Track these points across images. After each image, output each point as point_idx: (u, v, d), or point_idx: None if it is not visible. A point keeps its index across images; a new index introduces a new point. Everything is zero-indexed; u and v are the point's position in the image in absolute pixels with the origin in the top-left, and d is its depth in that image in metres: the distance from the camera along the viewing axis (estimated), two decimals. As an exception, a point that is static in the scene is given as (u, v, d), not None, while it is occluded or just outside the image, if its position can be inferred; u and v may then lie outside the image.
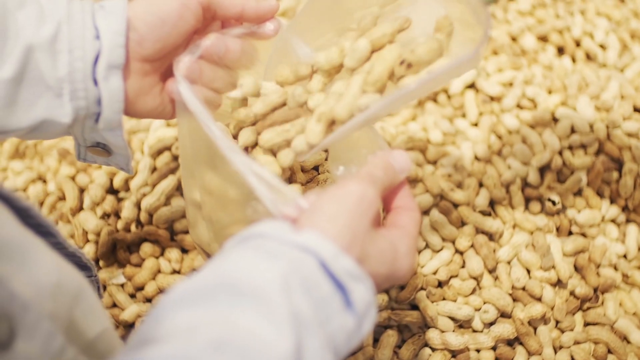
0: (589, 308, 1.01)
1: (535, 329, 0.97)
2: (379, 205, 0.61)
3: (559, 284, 1.00)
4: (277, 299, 0.51)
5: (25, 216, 0.62)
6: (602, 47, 1.25)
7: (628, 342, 0.98)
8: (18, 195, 0.60)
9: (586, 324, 1.00)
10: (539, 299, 0.98)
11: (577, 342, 0.97)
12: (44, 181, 1.12)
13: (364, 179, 0.60)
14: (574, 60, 1.24)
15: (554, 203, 1.04)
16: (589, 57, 1.25)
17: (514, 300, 0.99)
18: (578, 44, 1.26)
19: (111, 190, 1.08)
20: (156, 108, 0.74)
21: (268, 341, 0.49)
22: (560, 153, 1.09)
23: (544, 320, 0.98)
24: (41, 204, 1.09)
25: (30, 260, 0.54)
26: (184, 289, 0.53)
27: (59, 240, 0.69)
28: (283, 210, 0.61)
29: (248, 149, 0.76)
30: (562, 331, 0.98)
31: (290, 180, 0.80)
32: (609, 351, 0.97)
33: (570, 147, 1.10)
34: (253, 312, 0.50)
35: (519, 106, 1.16)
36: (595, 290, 1.01)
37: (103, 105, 0.68)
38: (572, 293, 1.00)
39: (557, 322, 0.99)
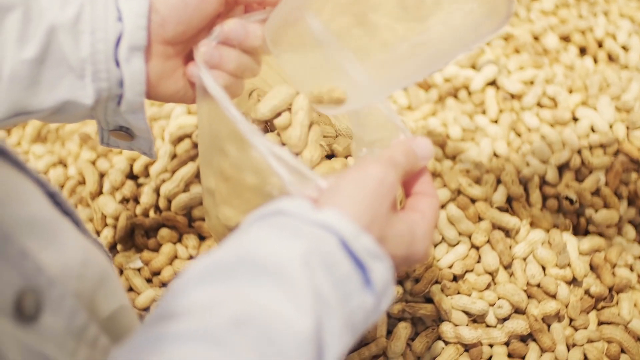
0: (603, 307, 1.01)
1: (548, 326, 0.97)
2: (398, 189, 0.62)
3: (574, 282, 1.01)
4: (298, 277, 0.52)
5: (53, 202, 0.62)
6: (625, 48, 1.25)
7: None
8: (47, 180, 0.61)
9: (600, 323, 1.00)
10: (554, 296, 0.98)
11: (590, 341, 0.97)
12: (65, 165, 1.14)
13: (385, 162, 0.61)
14: (595, 60, 1.25)
15: (571, 202, 1.04)
16: (610, 58, 1.25)
17: (529, 296, 0.99)
18: (600, 44, 1.26)
19: (131, 176, 1.09)
20: (178, 92, 0.74)
21: (289, 319, 0.50)
22: (579, 152, 1.10)
23: (558, 317, 0.98)
24: (61, 187, 1.10)
25: (59, 238, 0.55)
26: (205, 265, 0.54)
27: (81, 229, 0.70)
28: (303, 191, 0.62)
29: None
30: (576, 329, 0.98)
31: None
32: (622, 351, 0.97)
33: (590, 147, 1.11)
34: (274, 289, 0.51)
35: (539, 104, 1.16)
36: (610, 289, 1.01)
37: (125, 86, 0.69)
38: (586, 292, 1.00)
39: (571, 320, 0.99)
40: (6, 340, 0.47)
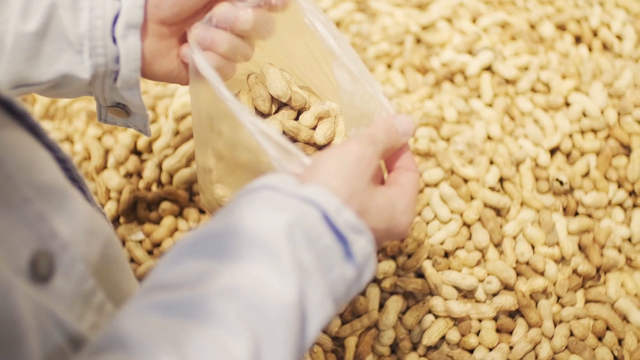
0: (590, 286, 1.03)
1: (536, 302, 1.00)
2: (377, 164, 0.64)
3: (562, 260, 1.03)
4: (282, 249, 0.54)
5: (63, 169, 0.64)
6: (619, 37, 1.27)
7: (627, 321, 1.00)
8: (60, 146, 0.63)
9: (587, 302, 1.02)
10: (542, 274, 1.01)
11: (577, 318, 0.99)
12: (72, 142, 1.16)
13: (364, 138, 0.63)
14: (590, 49, 1.27)
15: (561, 183, 1.06)
16: (605, 47, 1.27)
17: (518, 274, 1.01)
18: (595, 33, 1.28)
19: (135, 152, 1.12)
20: (172, 71, 0.77)
21: (275, 289, 0.53)
22: (570, 136, 1.12)
23: (546, 294, 1.00)
24: (68, 162, 1.13)
25: (69, 205, 0.57)
26: (195, 236, 0.56)
27: (87, 197, 0.72)
28: (288, 167, 0.64)
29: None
30: (563, 306, 1.00)
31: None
32: (608, 328, 0.99)
33: (581, 131, 1.13)
34: (260, 261, 0.54)
35: (533, 90, 1.18)
36: (597, 269, 1.03)
37: (121, 63, 0.72)
38: (574, 271, 1.02)
39: (559, 297, 1.01)
40: (20, 296, 0.48)
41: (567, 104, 1.16)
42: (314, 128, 0.80)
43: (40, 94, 0.77)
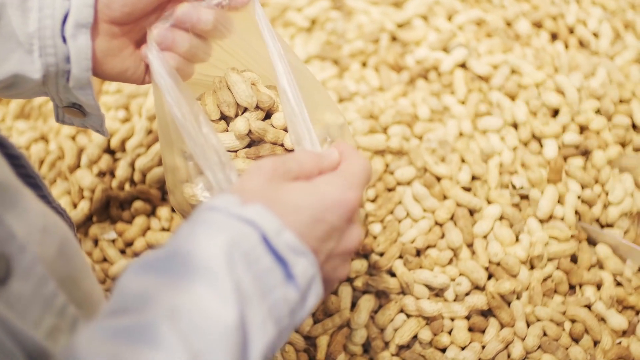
0: (566, 294, 1.03)
1: (509, 303, 0.99)
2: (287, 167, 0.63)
3: (534, 261, 1.03)
4: (221, 271, 0.54)
5: (15, 165, 0.64)
6: (595, 35, 1.27)
7: (604, 322, 1.00)
8: (11, 142, 0.63)
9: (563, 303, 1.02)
10: (515, 276, 1.01)
11: (552, 320, 0.99)
12: (46, 141, 1.16)
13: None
14: (566, 46, 1.26)
15: (514, 187, 1.06)
16: (581, 44, 1.26)
17: (490, 275, 1.01)
18: (571, 31, 1.27)
19: (108, 151, 1.12)
20: (125, 71, 0.76)
21: (214, 311, 0.53)
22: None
23: (517, 294, 1.00)
24: (42, 162, 1.13)
25: (21, 203, 0.57)
26: (144, 260, 0.56)
27: (44, 194, 0.72)
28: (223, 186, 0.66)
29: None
30: (535, 305, 1.00)
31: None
32: (586, 330, 0.99)
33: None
34: (201, 283, 0.54)
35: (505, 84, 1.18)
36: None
37: (72, 62, 0.71)
38: (548, 277, 1.03)
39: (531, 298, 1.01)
40: None
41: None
42: (286, 128, 0.80)
43: None
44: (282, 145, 0.79)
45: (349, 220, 0.63)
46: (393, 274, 1.00)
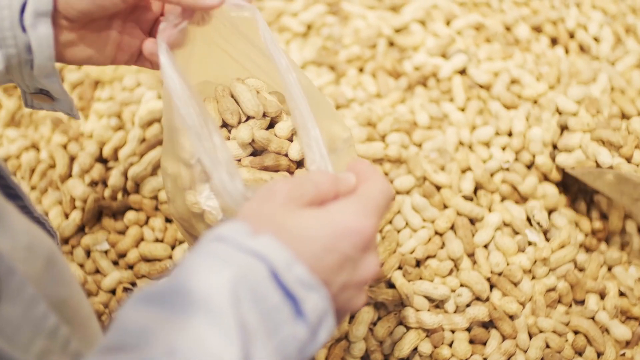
0: (570, 305, 1.02)
1: (510, 315, 0.98)
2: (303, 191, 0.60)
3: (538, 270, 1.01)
4: (225, 308, 0.51)
5: None
6: (596, 39, 1.25)
7: (608, 333, 0.99)
8: None
9: (567, 313, 1.01)
10: (516, 284, 0.99)
11: (554, 331, 0.97)
12: (37, 149, 1.14)
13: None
14: (567, 51, 1.25)
15: (538, 224, 1.04)
16: (582, 49, 1.25)
17: (492, 285, 0.99)
18: (572, 35, 1.26)
19: (100, 160, 1.09)
20: (89, 58, 0.76)
21: (217, 351, 0.50)
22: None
23: (522, 305, 0.98)
24: (32, 171, 1.10)
25: (5, 221, 0.55)
26: (145, 293, 0.54)
27: (25, 204, 0.70)
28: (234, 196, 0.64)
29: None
30: (538, 316, 0.99)
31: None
32: (589, 342, 0.97)
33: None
34: (204, 320, 0.51)
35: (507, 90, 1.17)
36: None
37: (34, 52, 0.70)
38: (552, 289, 1.01)
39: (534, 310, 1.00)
40: None
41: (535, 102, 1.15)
42: (290, 138, 0.79)
43: None
44: (286, 155, 0.78)
45: (365, 250, 0.59)
46: (392, 285, 0.98)
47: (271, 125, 0.80)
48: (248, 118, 0.79)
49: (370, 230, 0.59)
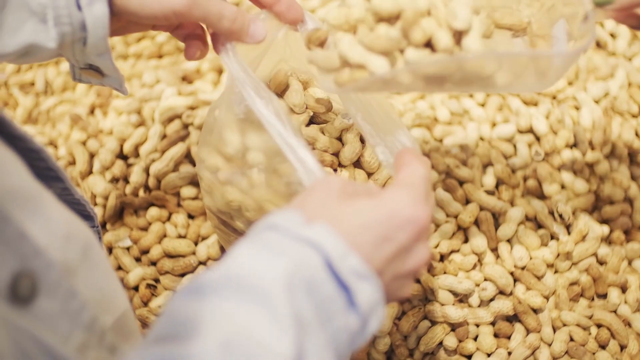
0: (592, 299, 1.02)
1: (534, 309, 0.98)
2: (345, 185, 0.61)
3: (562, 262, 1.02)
4: (279, 299, 0.51)
5: (36, 159, 0.62)
6: (612, 35, 1.26)
7: (630, 326, 1.00)
8: (30, 136, 0.61)
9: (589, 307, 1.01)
10: (540, 278, 0.99)
11: (578, 324, 0.98)
12: (55, 146, 1.14)
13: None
14: (584, 47, 1.26)
15: (561, 216, 1.04)
16: (599, 45, 1.26)
17: (516, 279, 1.00)
18: (588, 32, 1.27)
19: (121, 156, 1.09)
20: (140, 31, 0.78)
21: (270, 343, 0.50)
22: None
23: (546, 298, 0.99)
24: (51, 168, 1.10)
25: (43, 211, 0.55)
26: (196, 283, 0.54)
27: (66, 186, 0.69)
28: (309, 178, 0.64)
29: None
30: (562, 309, 0.99)
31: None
32: (612, 335, 0.98)
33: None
34: (257, 312, 0.51)
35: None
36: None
37: (88, 31, 0.69)
38: (575, 282, 1.02)
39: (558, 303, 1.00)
40: None
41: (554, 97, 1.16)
42: (339, 138, 0.80)
43: (9, 63, 0.76)
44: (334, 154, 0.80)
45: (418, 239, 0.59)
46: (417, 280, 0.98)
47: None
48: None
49: (425, 219, 0.59)
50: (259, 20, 0.74)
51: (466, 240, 1.02)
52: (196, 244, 1.03)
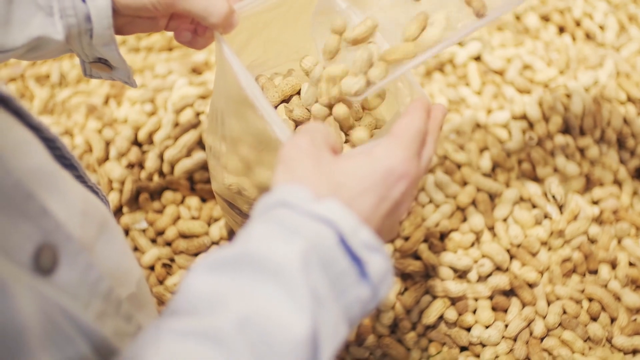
0: (584, 274, 1.07)
1: (529, 283, 1.03)
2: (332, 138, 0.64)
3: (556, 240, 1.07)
4: (297, 277, 0.52)
5: (51, 147, 0.64)
6: (601, 27, 1.31)
7: (619, 301, 1.04)
8: (46, 126, 0.62)
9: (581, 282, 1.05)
10: (534, 255, 1.05)
11: (571, 298, 1.02)
12: (71, 135, 1.18)
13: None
14: (574, 39, 1.31)
15: (554, 197, 1.09)
16: (588, 36, 1.31)
17: (512, 256, 1.05)
18: (578, 24, 1.32)
19: (136, 143, 1.14)
20: (146, 29, 0.81)
21: (287, 322, 0.51)
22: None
23: (540, 273, 1.04)
24: (68, 156, 1.14)
25: (62, 187, 0.57)
26: (212, 260, 0.55)
27: (80, 174, 0.72)
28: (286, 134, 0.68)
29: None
30: (555, 284, 1.04)
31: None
32: (603, 308, 1.02)
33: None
34: (274, 289, 0.52)
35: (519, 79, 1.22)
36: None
37: (93, 21, 0.73)
38: (567, 259, 1.06)
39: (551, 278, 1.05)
40: (22, 289, 0.47)
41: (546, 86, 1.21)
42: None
43: (18, 58, 0.78)
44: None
45: (409, 192, 0.62)
46: (418, 257, 1.03)
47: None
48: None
49: (417, 174, 0.62)
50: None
51: (464, 220, 1.07)
52: (209, 225, 1.07)
